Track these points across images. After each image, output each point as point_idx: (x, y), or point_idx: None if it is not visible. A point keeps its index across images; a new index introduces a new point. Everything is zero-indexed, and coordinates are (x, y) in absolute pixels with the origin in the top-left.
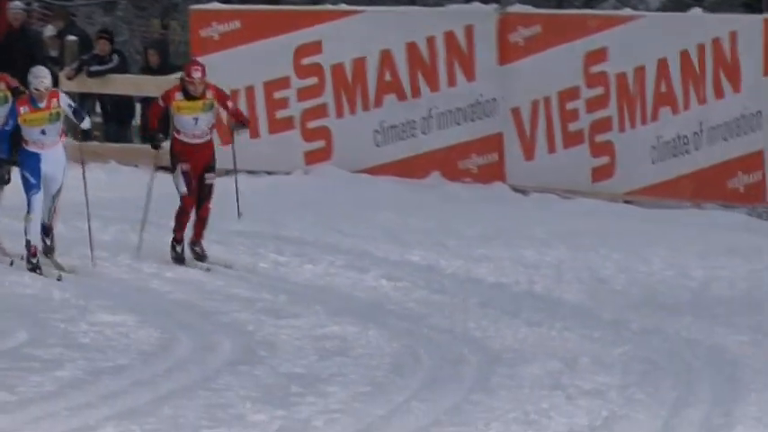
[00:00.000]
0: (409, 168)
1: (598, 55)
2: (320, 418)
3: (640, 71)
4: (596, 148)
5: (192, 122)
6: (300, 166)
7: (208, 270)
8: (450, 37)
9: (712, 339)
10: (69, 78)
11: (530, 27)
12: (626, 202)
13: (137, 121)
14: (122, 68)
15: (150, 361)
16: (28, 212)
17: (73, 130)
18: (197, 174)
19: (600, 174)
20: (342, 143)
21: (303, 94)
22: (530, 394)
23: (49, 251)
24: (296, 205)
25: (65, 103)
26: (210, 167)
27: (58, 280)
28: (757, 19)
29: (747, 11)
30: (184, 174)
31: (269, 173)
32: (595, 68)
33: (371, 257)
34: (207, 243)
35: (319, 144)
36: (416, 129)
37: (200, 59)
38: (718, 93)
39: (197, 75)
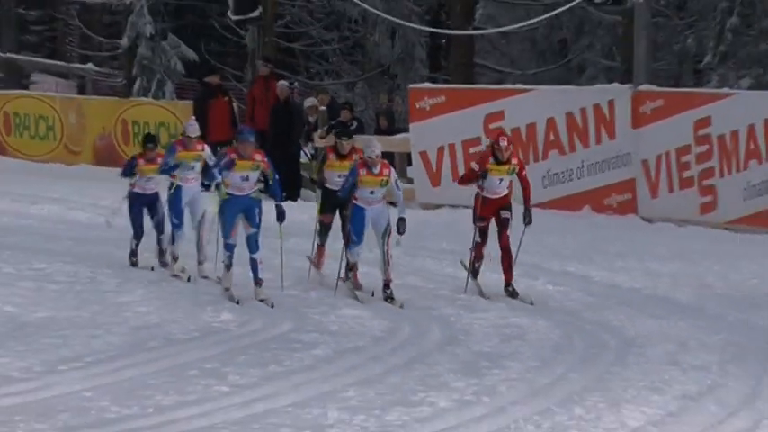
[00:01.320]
0: (567, 204)
1: (704, 122)
2: (503, 384)
3: (735, 134)
4: (703, 189)
5: (497, 182)
6: None
7: (531, 303)
8: (597, 108)
9: None
10: (321, 138)
11: (654, 101)
12: (725, 229)
13: None
14: (360, 131)
15: (381, 343)
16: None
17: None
18: (495, 213)
19: (705, 208)
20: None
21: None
22: (654, 368)
23: (388, 298)
24: None
25: (394, 178)
26: (506, 207)
27: (401, 306)
28: None
29: None
30: (481, 229)
31: (466, 207)
32: (702, 132)
33: (540, 269)
34: (422, 258)
35: None
36: (573, 175)
37: (416, 125)
38: None
39: (503, 143)
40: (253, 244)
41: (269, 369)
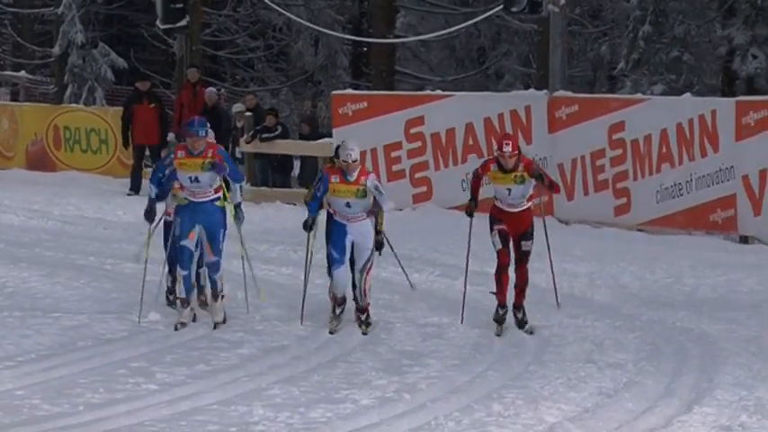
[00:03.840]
0: (485, 207)
1: (618, 126)
2: (423, 382)
3: (648, 138)
4: (617, 192)
5: (506, 192)
6: (409, 205)
7: (531, 333)
8: (514, 113)
9: (700, 328)
10: (247, 143)
11: (570, 106)
12: (638, 230)
13: (295, 172)
14: (284, 135)
15: (305, 342)
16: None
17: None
18: (514, 239)
19: (620, 210)
20: (438, 188)
21: (411, 153)
22: (571, 366)
23: (363, 325)
24: (406, 232)
25: (372, 184)
26: (527, 235)
27: (364, 334)
28: (730, 101)
29: (723, 95)
30: (500, 232)
31: None
32: (616, 136)
33: (459, 269)
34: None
35: (422, 189)
36: None
37: (339, 130)
38: (703, 153)
39: (507, 149)
40: (213, 268)
41: (196, 368)
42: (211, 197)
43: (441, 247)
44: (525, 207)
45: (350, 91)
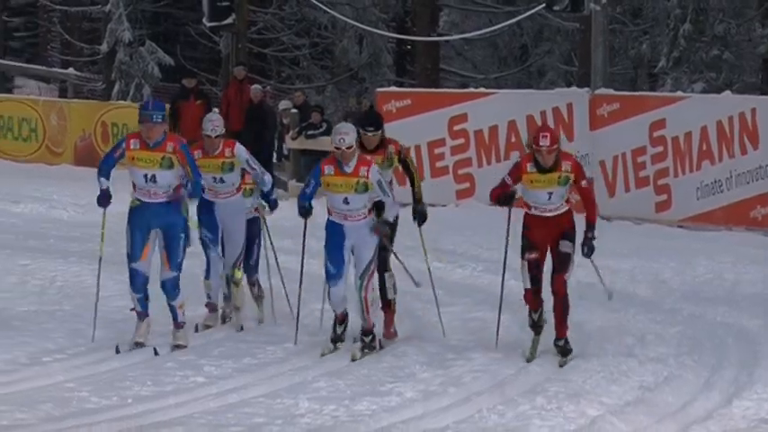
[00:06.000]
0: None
1: (659, 124)
2: (468, 375)
3: (689, 135)
4: (658, 188)
5: (546, 197)
6: (453, 201)
7: (561, 366)
8: (556, 111)
9: (740, 323)
10: (293, 139)
11: (611, 104)
12: (679, 226)
13: None
14: (329, 132)
15: (350, 336)
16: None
17: None
18: (552, 244)
19: (661, 207)
20: (481, 185)
21: (454, 150)
22: (613, 360)
23: (364, 349)
24: (450, 228)
25: (375, 178)
26: (566, 236)
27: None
28: None
29: (762, 94)
30: (530, 264)
31: (431, 205)
32: (657, 133)
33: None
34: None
35: (465, 185)
36: None
37: (385, 126)
38: (743, 150)
39: (544, 142)
40: (170, 288)
41: (243, 361)
42: (168, 198)
43: (484, 243)
44: (564, 210)
45: (394, 88)
